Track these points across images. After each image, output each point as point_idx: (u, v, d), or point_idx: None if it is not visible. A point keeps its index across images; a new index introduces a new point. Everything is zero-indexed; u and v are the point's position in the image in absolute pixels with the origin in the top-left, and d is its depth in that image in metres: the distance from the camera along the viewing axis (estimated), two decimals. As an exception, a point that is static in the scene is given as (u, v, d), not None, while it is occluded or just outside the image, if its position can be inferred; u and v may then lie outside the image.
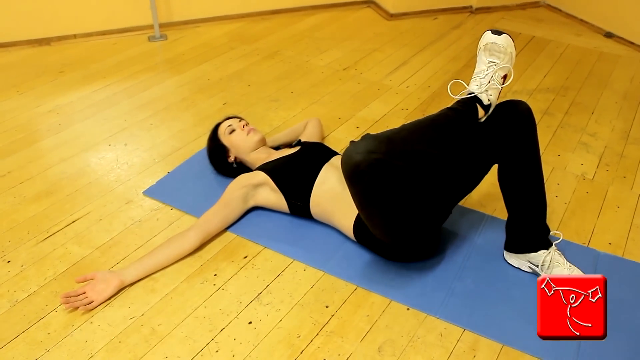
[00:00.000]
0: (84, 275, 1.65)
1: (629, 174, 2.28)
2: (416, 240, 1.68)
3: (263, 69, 3.06)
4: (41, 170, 2.18)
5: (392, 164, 1.41)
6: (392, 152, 1.42)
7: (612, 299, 1.34)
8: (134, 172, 2.18)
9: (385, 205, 1.49)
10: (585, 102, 2.82)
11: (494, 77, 1.56)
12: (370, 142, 1.41)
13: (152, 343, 1.51)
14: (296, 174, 1.87)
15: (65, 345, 1.49)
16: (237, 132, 2.05)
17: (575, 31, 3.73)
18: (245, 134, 2.04)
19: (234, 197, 1.88)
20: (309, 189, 1.84)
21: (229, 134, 2.06)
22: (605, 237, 1.93)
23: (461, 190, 1.73)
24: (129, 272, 1.68)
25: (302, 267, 1.76)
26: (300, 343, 1.52)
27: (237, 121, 2.10)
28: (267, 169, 1.91)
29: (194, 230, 1.78)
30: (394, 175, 1.44)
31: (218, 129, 2.10)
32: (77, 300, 1.59)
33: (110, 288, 1.63)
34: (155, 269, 1.72)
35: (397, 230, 1.59)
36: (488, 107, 1.58)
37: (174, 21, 3.52)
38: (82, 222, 1.92)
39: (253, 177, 1.91)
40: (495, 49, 1.55)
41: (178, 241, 1.76)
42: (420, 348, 1.52)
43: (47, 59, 3.09)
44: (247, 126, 2.07)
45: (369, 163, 1.38)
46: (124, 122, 2.52)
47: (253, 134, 2.05)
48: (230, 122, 2.09)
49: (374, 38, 3.52)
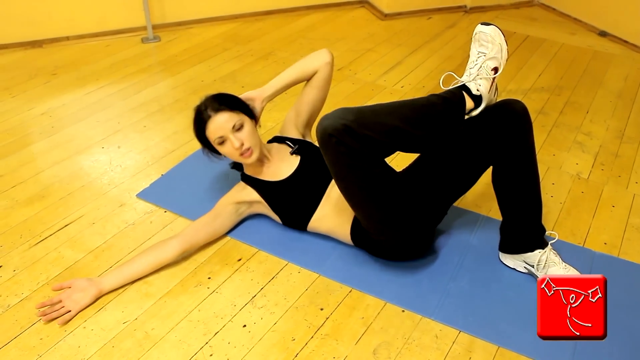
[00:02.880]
0: (60, 284, 1.63)
1: (624, 173, 2.28)
2: (410, 238, 1.67)
3: (257, 70, 3.05)
4: (34, 174, 2.16)
5: (359, 133, 1.42)
6: (360, 121, 1.43)
7: (608, 299, 1.34)
8: (128, 174, 2.17)
9: (360, 179, 1.50)
10: (580, 102, 2.82)
11: (482, 67, 1.57)
12: (340, 110, 1.45)
13: (145, 347, 1.50)
14: (294, 204, 1.81)
15: (58, 351, 1.48)
16: (227, 147, 1.72)
17: (569, 30, 3.73)
18: (238, 154, 1.72)
19: (226, 211, 1.82)
20: (307, 217, 1.80)
21: (219, 145, 1.73)
22: (601, 237, 1.93)
23: (456, 190, 1.72)
24: (107, 280, 1.64)
25: (297, 270, 1.75)
26: (294, 346, 1.51)
27: (231, 126, 1.69)
28: (263, 192, 1.82)
29: (177, 240, 1.71)
30: (362, 144, 1.44)
31: (206, 129, 1.71)
32: (54, 311, 1.56)
33: (88, 297, 1.60)
34: (135, 277, 1.68)
35: (381, 215, 1.57)
36: (478, 98, 1.57)
37: (167, 22, 3.51)
38: (75, 225, 1.91)
39: (248, 194, 1.83)
40: (483, 38, 1.58)
41: (159, 250, 1.71)
42: (416, 350, 1.51)
43: (39, 61, 3.07)
44: (242, 146, 1.70)
45: (335, 127, 1.41)
46: (117, 125, 2.50)
47: (246, 158, 1.73)
48: (223, 128, 1.69)
49: (368, 38, 3.52)
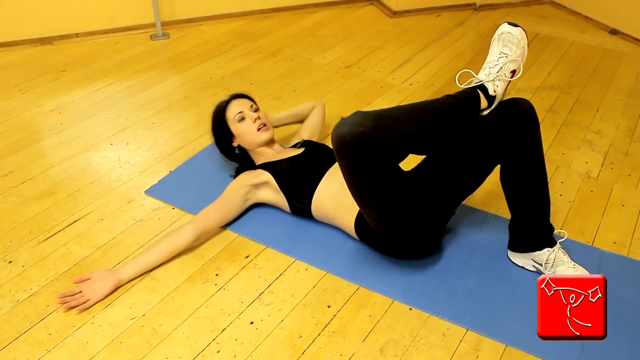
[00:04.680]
0: (80, 276, 1.65)
1: (634, 173, 2.26)
2: (419, 237, 1.67)
3: (265, 67, 3.05)
4: (43, 170, 2.17)
5: (378, 139, 1.40)
6: (379, 128, 1.41)
7: (616, 298, 1.33)
8: (136, 171, 2.18)
9: (374, 186, 1.49)
10: (589, 100, 2.80)
11: (503, 69, 1.54)
12: (358, 116, 1.42)
13: (153, 343, 1.50)
14: (299, 176, 1.85)
15: (67, 346, 1.49)
16: (247, 122, 1.95)
17: (579, 28, 3.70)
18: (255, 128, 1.94)
19: (234, 195, 1.87)
20: (311, 192, 1.83)
21: (238, 122, 1.95)
22: (610, 236, 1.92)
23: (464, 189, 1.72)
24: (125, 270, 1.67)
25: (304, 267, 1.75)
26: (302, 343, 1.51)
27: (249, 106, 1.98)
28: (271, 169, 1.89)
29: (190, 225, 1.76)
30: (380, 152, 1.43)
31: (226, 110, 1.98)
32: (74, 300, 1.59)
33: (107, 287, 1.63)
34: (152, 265, 1.71)
35: (391, 219, 1.57)
36: (492, 98, 1.56)
37: (176, 19, 3.52)
38: (83, 221, 1.92)
39: (257, 176, 1.90)
40: (509, 39, 1.54)
41: (173, 236, 1.74)
42: (423, 348, 1.51)
43: (49, 58, 3.09)
44: (258, 120, 1.95)
45: (354, 136, 1.39)
46: (125, 121, 2.51)
47: (263, 132, 1.95)
48: (242, 107, 1.97)
49: (376, 36, 3.51)
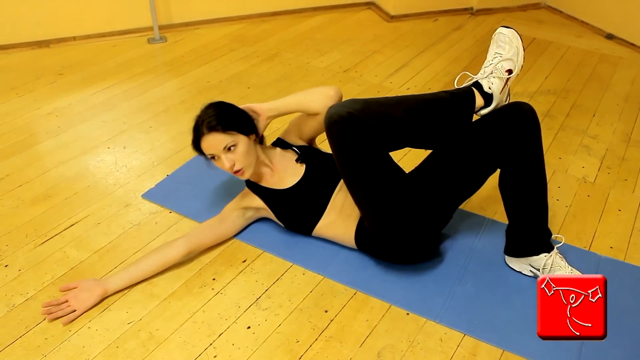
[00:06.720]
0: (66, 284, 1.63)
1: (631, 177, 2.27)
2: (416, 240, 1.67)
3: (263, 71, 3.05)
4: (40, 173, 2.17)
5: (363, 120, 1.46)
6: (366, 111, 1.47)
7: (613, 303, 1.33)
8: (133, 175, 2.17)
9: (363, 171, 1.52)
10: (586, 105, 2.81)
11: (497, 67, 1.61)
12: (348, 101, 1.50)
13: (150, 348, 1.50)
14: (300, 213, 1.79)
15: (63, 351, 1.48)
16: (219, 164, 1.70)
17: (576, 33, 3.72)
18: (230, 172, 1.71)
19: (232, 216, 1.82)
20: (312, 225, 1.79)
21: (211, 159, 1.71)
22: (607, 241, 1.92)
23: (462, 193, 1.72)
24: (113, 280, 1.64)
25: (301, 272, 1.75)
26: (299, 348, 1.51)
27: (222, 147, 1.65)
28: (268, 201, 1.80)
29: (183, 240, 1.71)
30: (366, 133, 1.47)
31: (201, 144, 1.68)
32: (59, 310, 1.57)
33: (94, 297, 1.60)
34: (141, 277, 1.68)
35: (384, 213, 1.57)
36: (489, 96, 1.58)
37: (173, 23, 3.51)
38: (80, 225, 1.91)
39: (252, 201, 1.82)
40: (501, 39, 1.62)
41: (165, 249, 1.70)
42: (420, 353, 1.50)
43: (46, 61, 3.08)
44: (233, 166, 1.67)
45: (341, 115, 1.45)
46: (123, 125, 2.51)
47: (239, 176, 1.72)
48: (214, 148, 1.65)
49: (374, 40, 3.51)
